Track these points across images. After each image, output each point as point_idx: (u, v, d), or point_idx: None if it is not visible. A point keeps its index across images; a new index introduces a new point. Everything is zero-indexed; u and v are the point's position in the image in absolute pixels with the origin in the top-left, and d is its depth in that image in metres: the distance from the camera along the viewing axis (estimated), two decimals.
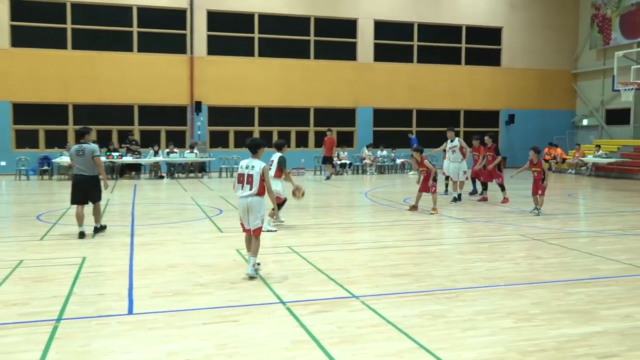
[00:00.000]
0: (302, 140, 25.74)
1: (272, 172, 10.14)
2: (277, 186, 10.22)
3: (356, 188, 19.25)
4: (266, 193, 7.06)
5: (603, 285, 6.63)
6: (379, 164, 25.17)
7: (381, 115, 27.52)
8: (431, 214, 12.66)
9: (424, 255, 8.27)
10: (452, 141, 14.82)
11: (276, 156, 10.38)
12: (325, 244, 9.10)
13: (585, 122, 29.93)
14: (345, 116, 27.20)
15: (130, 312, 5.66)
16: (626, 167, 23.45)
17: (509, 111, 29.20)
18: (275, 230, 10.19)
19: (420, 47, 27.99)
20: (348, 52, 26.98)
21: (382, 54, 27.36)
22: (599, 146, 24.83)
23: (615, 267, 7.60)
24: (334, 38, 26.77)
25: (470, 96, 28.64)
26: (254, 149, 7.08)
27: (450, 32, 28.50)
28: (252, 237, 7.02)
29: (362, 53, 26.97)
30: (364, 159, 24.79)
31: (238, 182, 7.02)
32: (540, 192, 12.38)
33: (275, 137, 26.08)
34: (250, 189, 6.92)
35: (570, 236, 9.92)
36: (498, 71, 29.18)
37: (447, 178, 16.28)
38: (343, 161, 24.36)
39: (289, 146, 26.27)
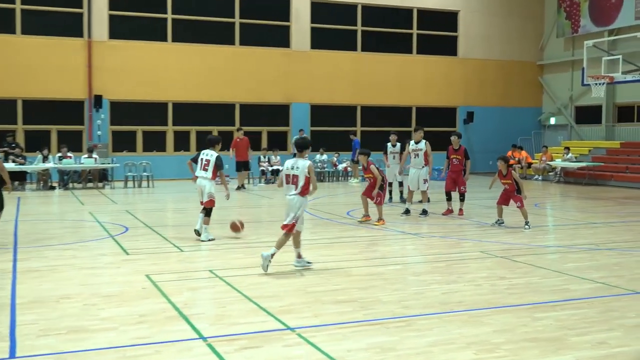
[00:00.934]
0: (225, 142, 25.52)
1: (208, 173, 11.01)
2: (211, 189, 11.06)
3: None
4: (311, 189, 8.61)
5: (574, 308, 6.88)
6: (318, 170, 25.31)
7: (320, 113, 27.72)
8: (375, 225, 12.95)
9: (371, 277, 8.35)
10: (417, 143, 14.64)
11: (212, 155, 11.14)
12: (254, 266, 9.03)
13: (552, 120, 31.16)
14: (277, 113, 27.24)
15: (12, 355, 5.44)
16: (598, 172, 24.54)
17: (467, 108, 30.04)
18: (214, 239, 11.07)
19: (364, 32, 28.41)
20: (280, 38, 27.08)
21: (320, 40, 27.61)
22: (568, 148, 25.86)
23: (588, 287, 7.91)
24: (264, 21, 26.82)
25: (422, 90, 29.29)
26: (302, 148, 8.72)
27: (399, 15, 29.10)
28: (282, 231, 8.58)
29: (296, 39, 27.13)
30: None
31: (286, 183, 8.67)
32: (519, 204, 12.68)
33: (193, 139, 25.83)
34: (295, 189, 8.57)
35: (537, 252, 10.26)
36: (454, 62, 29.99)
37: (392, 185, 16.71)
38: (275, 167, 24.36)
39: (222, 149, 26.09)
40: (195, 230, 11.33)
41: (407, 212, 14.56)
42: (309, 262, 8.89)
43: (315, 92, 27.45)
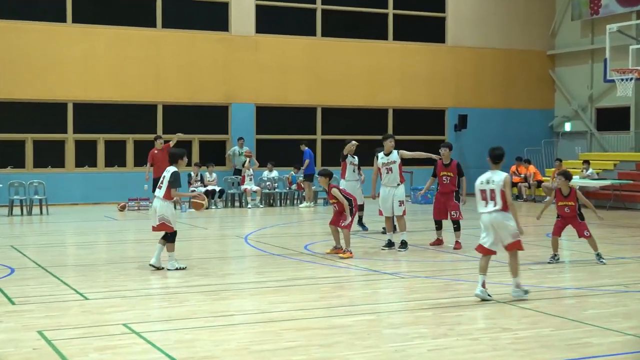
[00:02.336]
0: (143, 153, 25.35)
1: (161, 192, 12.00)
2: (164, 211, 11.96)
3: (231, 228, 19.15)
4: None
5: None
6: (267, 191, 25.28)
7: (268, 117, 27.74)
8: (341, 257, 13.05)
9: (335, 331, 8.33)
10: (388, 154, 14.70)
11: (169, 171, 12.17)
12: (182, 317, 8.96)
13: (567, 126, 31.67)
14: (213, 117, 27.18)
15: None
16: (626, 192, 24.95)
17: (458, 110, 30.38)
18: (185, 267, 12.11)
19: (326, 12, 28.61)
20: (217, 19, 27.08)
21: (268, 22, 27.70)
22: (587, 162, 26.25)
23: (614, 340, 7.99)
24: None
25: (401, 88, 29.55)
26: (497, 159, 10.21)
27: None
28: (509, 254, 9.99)
29: (238, 21, 27.18)
30: (243, 182, 24.85)
31: (482, 199, 9.88)
32: (587, 232, 12.74)
33: (101, 151, 25.59)
34: (495, 205, 9.71)
35: (549, 296, 10.37)
36: (442, 51, 30.35)
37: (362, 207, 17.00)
38: (210, 187, 24.27)
39: (123, 164, 25.89)
40: (150, 264, 12.01)
41: (390, 244, 14.60)
42: (526, 292, 9.92)
43: (262, 89, 27.46)
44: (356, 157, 17.20)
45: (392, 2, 29.50)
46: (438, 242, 15.06)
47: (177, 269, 11.99)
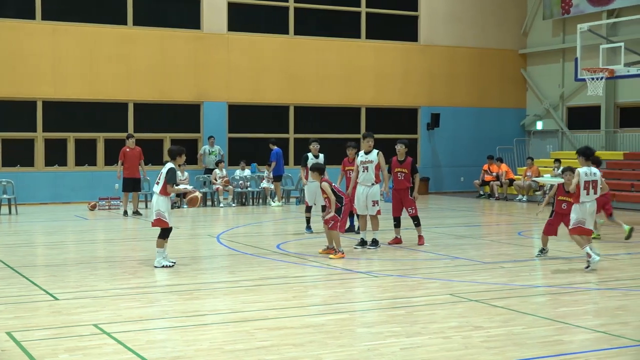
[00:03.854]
0: (113, 154, 25.18)
1: (159, 187, 12.22)
2: (160, 206, 12.23)
3: (203, 228, 19.10)
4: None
5: None
6: (239, 190, 25.23)
7: (241, 115, 27.69)
8: (332, 258, 13.08)
9: (308, 330, 8.34)
10: (367, 153, 14.71)
11: (166, 167, 12.37)
12: (154, 317, 8.94)
13: (539, 125, 31.92)
14: (185, 116, 27.08)
15: None
16: None
17: (431, 109, 30.51)
18: (173, 264, 12.28)
19: (299, 10, 28.60)
20: (188, 17, 26.99)
21: (241, 20, 27.64)
22: (559, 161, 26.48)
23: (585, 337, 8.10)
24: None
25: (374, 86, 29.62)
26: (588, 155, 12.22)
27: None
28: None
29: (210, 18, 27.09)
30: (214, 181, 24.78)
31: (584, 189, 11.83)
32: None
33: (71, 150, 25.41)
34: (595, 193, 11.95)
35: (521, 294, 10.45)
36: (415, 50, 30.46)
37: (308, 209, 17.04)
38: (182, 186, 24.12)
39: (93, 163, 25.75)
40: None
41: (363, 243, 14.63)
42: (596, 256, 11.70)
43: (234, 88, 27.40)
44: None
45: (365, 0, 29.54)
46: (397, 241, 15.02)
47: (163, 266, 12.15)
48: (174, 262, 12.43)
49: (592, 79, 20.25)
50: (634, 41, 21.50)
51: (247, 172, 25.90)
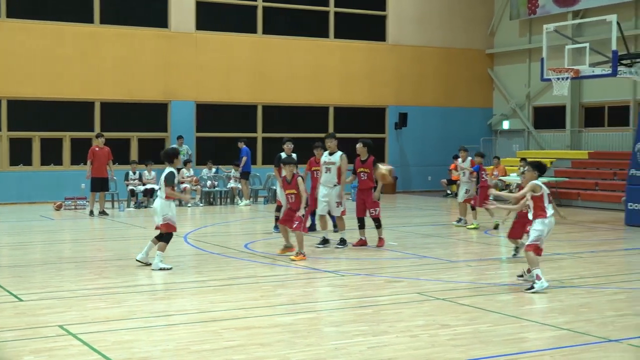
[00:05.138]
0: (80, 153, 25.01)
1: (162, 192, 12.23)
2: (166, 210, 12.21)
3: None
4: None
5: None
6: (207, 189, 25.15)
7: (209, 114, 27.61)
8: (293, 260, 12.98)
9: (276, 329, 8.35)
10: (332, 154, 14.77)
11: (165, 171, 12.39)
12: (120, 318, 8.88)
13: (505, 124, 32.17)
14: (152, 115, 26.96)
15: None
16: (562, 189, 25.47)
17: (399, 108, 30.63)
18: (171, 268, 12.08)
19: (267, 10, 28.57)
20: (156, 15, 26.86)
21: (209, 19, 27.56)
22: (525, 160, 26.69)
23: (550, 334, 8.19)
24: None
25: (342, 86, 29.67)
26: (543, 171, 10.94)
27: None
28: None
29: (178, 17, 26.98)
30: (183, 181, 24.67)
31: (549, 203, 10.62)
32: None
33: (37, 149, 25.19)
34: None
35: (487, 292, 10.53)
36: (383, 49, 30.55)
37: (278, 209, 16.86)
38: (149, 185, 24.05)
39: (59, 163, 25.56)
40: (137, 259, 12.41)
41: (324, 242, 14.65)
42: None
43: (202, 87, 27.32)
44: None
45: (333, 0, 29.57)
46: (361, 243, 14.88)
47: (161, 269, 11.95)
48: (171, 267, 12.18)
49: (558, 79, 20.41)
50: (599, 42, 21.70)
51: (214, 170, 25.85)
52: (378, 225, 14.87)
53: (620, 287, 10.99)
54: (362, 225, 14.94)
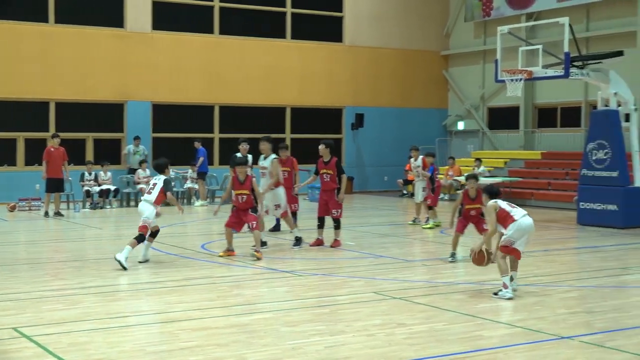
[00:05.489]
0: (34, 154, 24.72)
1: (152, 196, 12.73)
2: (150, 215, 12.70)
3: (127, 228, 18.89)
4: None
5: None
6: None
7: (165, 114, 27.45)
8: (255, 255, 13.19)
9: (233, 330, 8.35)
10: (266, 158, 15.02)
11: (160, 179, 12.97)
12: (76, 320, 8.82)
13: (460, 125, 32.45)
14: (108, 115, 26.73)
15: None
16: (516, 189, 25.78)
17: (356, 109, 30.73)
18: (126, 269, 12.09)
19: (224, 10, 28.50)
20: (111, 15, 26.64)
21: (165, 19, 27.41)
22: (479, 160, 27.02)
23: (504, 332, 8.32)
24: None
25: (299, 86, 29.69)
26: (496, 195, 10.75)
27: None
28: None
29: (133, 16, 26.79)
30: (138, 181, 24.46)
31: (512, 208, 10.32)
32: (485, 226, 12.06)
33: None
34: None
35: (443, 291, 10.64)
36: (340, 50, 30.64)
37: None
38: (105, 186, 23.85)
39: (13, 163, 25.25)
40: (138, 261, 12.69)
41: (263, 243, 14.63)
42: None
43: (158, 87, 27.15)
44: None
45: (290, 1, 29.59)
46: (318, 243, 14.91)
47: (121, 262, 12.01)
48: (127, 268, 12.15)
49: (512, 80, 20.59)
50: (552, 43, 21.94)
51: (171, 172, 25.66)
52: (337, 226, 14.90)
53: (572, 286, 11.17)
54: (321, 225, 14.97)
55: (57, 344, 7.73)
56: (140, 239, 12.49)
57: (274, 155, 14.86)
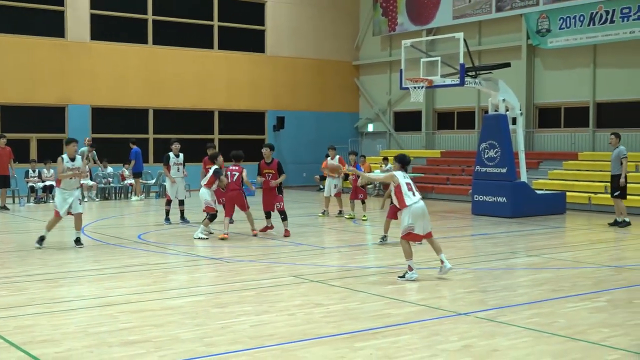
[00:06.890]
0: None
1: (204, 182, 14.57)
2: (209, 197, 14.50)
3: (69, 220, 18.52)
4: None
5: (395, 335, 7.30)
6: (102, 185, 24.55)
7: (104, 117, 26.96)
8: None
9: (167, 312, 8.28)
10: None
11: (212, 169, 14.60)
12: (22, 305, 8.61)
13: (370, 127, 32.78)
14: (50, 117, 26.11)
15: None
16: (419, 183, 26.11)
17: (277, 113, 30.73)
18: (207, 238, 14.15)
19: (157, 22, 28.12)
20: (53, 26, 26.00)
21: (103, 30, 26.91)
22: (386, 159, 27.32)
23: (409, 310, 8.43)
24: (30, 4, 25.64)
25: (226, 92, 29.53)
26: (405, 163, 11.06)
27: (198, 4, 29.17)
28: (432, 238, 10.39)
29: (73, 27, 26.21)
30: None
31: (408, 191, 10.27)
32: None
33: None
34: (418, 193, 10.46)
35: (356, 274, 10.74)
36: (262, 59, 30.57)
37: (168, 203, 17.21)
38: (48, 182, 23.27)
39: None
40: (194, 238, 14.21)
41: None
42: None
43: (97, 92, 26.64)
44: (181, 155, 17.50)
45: (217, 14, 29.40)
46: (268, 228, 15.29)
47: (199, 238, 14.07)
48: (208, 237, 14.24)
49: (414, 87, 20.87)
50: (449, 56, 22.30)
51: (110, 168, 25.24)
52: (284, 218, 15.04)
53: (467, 268, 11.39)
54: (268, 216, 15.40)
55: (3, 327, 7.53)
56: (212, 218, 14.35)
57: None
